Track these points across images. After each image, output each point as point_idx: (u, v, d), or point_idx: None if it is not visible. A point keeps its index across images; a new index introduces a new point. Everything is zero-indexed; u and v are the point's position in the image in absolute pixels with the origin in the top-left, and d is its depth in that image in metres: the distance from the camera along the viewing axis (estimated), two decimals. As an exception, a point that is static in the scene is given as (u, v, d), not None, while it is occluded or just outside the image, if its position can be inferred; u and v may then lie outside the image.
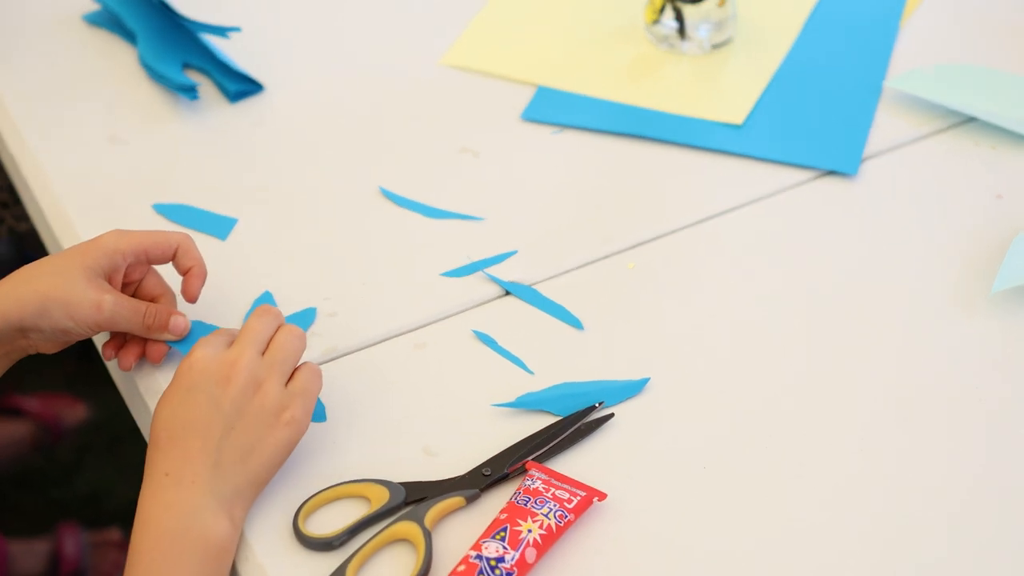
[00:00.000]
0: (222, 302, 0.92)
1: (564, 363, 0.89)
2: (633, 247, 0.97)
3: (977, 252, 0.95)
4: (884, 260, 0.95)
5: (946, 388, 0.86)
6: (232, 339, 0.81)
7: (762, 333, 0.90)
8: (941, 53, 1.12)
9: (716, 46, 1.13)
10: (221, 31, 1.09)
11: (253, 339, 0.81)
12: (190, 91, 1.07)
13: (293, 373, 0.81)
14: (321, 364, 0.88)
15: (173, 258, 0.86)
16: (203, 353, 0.79)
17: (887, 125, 1.05)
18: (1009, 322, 0.89)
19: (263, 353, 0.81)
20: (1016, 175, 1.00)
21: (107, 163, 1.04)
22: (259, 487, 0.79)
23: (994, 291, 0.88)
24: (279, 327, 0.82)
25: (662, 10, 1.12)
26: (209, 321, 0.90)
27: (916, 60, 1.12)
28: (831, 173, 1.02)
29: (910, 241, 0.97)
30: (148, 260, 0.85)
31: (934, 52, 1.12)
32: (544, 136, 1.06)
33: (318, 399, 0.84)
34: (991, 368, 0.87)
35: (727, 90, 1.09)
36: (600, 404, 0.85)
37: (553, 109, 1.08)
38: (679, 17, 1.12)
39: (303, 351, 0.82)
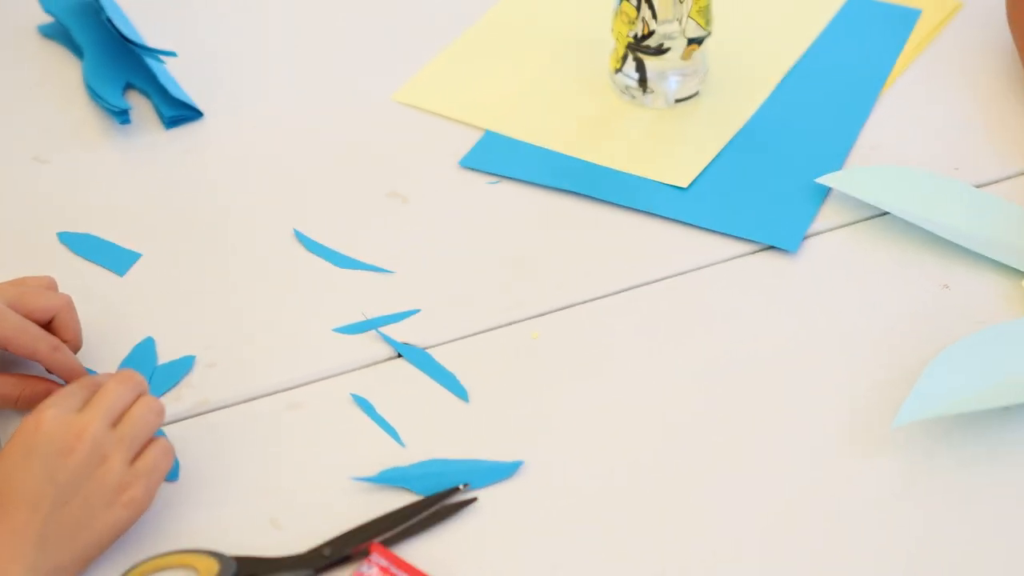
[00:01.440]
0: (103, 343, 0.89)
1: (441, 437, 0.84)
2: (543, 314, 0.92)
3: (915, 345, 0.88)
4: (808, 350, 0.89)
5: (838, 514, 0.79)
6: (89, 396, 0.78)
7: (660, 421, 0.85)
8: (911, 131, 1.05)
9: (680, 100, 1.08)
10: (156, 54, 1.06)
11: (107, 407, 0.77)
12: (122, 114, 1.04)
13: (143, 448, 0.77)
14: (187, 419, 0.84)
15: (49, 324, 0.83)
16: (51, 414, 0.76)
17: (840, 200, 0.99)
18: (904, 461, 0.82)
19: (115, 424, 0.77)
20: (965, 265, 0.93)
21: (24, 183, 1.01)
22: (85, 564, 0.75)
23: (895, 426, 0.81)
24: (139, 395, 0.78)
25: (625, 59, 1.07)
26: (86, 363, 0.87)
27: (887, 135, 1.05)
28: (770, 248, 0.96)
29: (842, 329, 0.90)
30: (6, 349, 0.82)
31: (906, 129, 1.06)
32: (479, 186, 1.01)
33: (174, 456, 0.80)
34: (891, 502, 0.80)
35: (680, 150, 1.04)
36: (465, 486, 0.80)
37: (494, 157, 1.03)
38: (640, 68, 1.06)
39: (158, 426, 0.78)
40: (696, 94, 1.08)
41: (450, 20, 1.15)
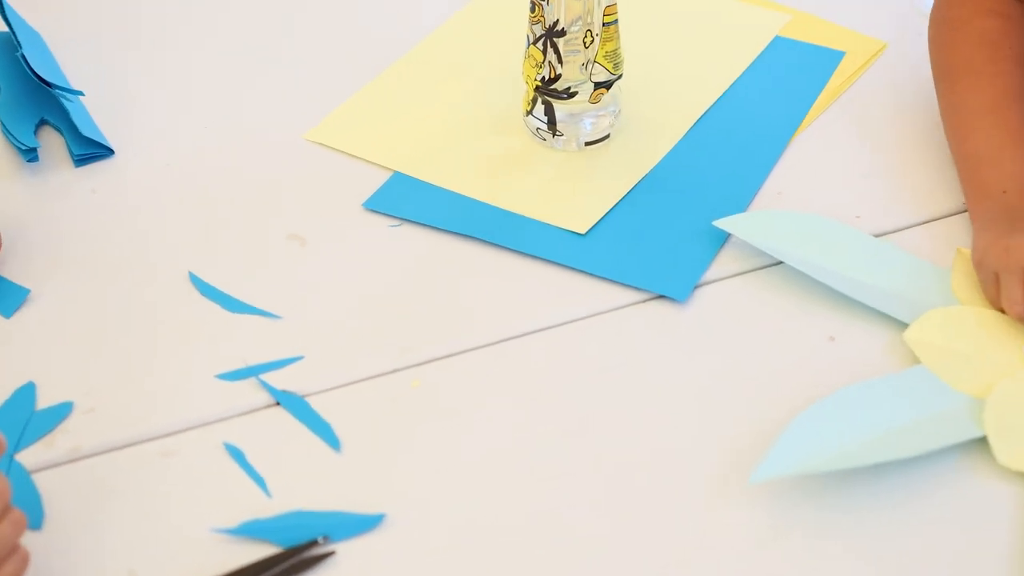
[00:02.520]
0: (-15, 386, 0.89)
1: (309, 487, 0.84)
2: (428, 362, 0.92)
3: (797, 397, 0.88)
4: (689, 400, 0.89)
5: (706, 567, 0.80)
6: None
7: (531, 473, 0.85)
8: (819, 177, 1.05)
9: (591, 143, 1.08)
10: (66, 93, 1.07)
11: None
12: (29, 152, 1.05)
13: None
14: (58, 466, 0.85)
15: None
16: None
17: (737, 247, 0.98)
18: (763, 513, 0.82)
19: None
20: (853, 317, 0.93)
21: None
22: None
23: (751, 483, 0.81)
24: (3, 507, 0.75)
25: (534, 102, 1.07)
26: (-32, 406, 0.88)
27: (795, 180, 1.05)
28: (661, 297, 0.96)
29: (725, 380, 0.90)
30: None
31: (815, 174, 1.05)
32: (381, 229, 1.02)
33: (39, 504, 0.81)
34: (753, 556, 0.80)
35: (583, 194, 1.04)
36: (324, 539, 0.81)
37: (399, 200, 1.03)
38: (549, 111, 1.06)
39: (18, 537, 0.76)
40: (607, 137, 1.08)
41: (370, 59, 1.16)
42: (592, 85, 1.05)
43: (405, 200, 1.03)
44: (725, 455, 0.84)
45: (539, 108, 1.06)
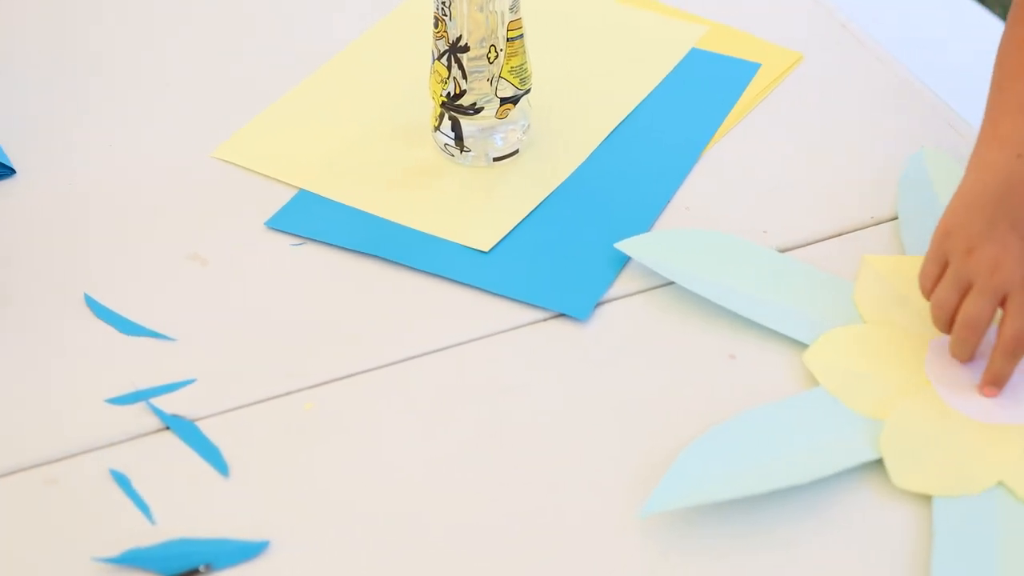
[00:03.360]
0: None
1: (195, 514, 0.83)
2: (322, 384, 0.91)
3: (697, 417, 0.87)
4: (588, 420, 0.88)
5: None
6: None
7: (422, 496, 0.84)
8: (728, 191, 1.04)
9: (499, 159, 1.06)
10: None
11: None
12: (-74, 174, 1.03)
13: None
14: (-61, 493, 0.83)
15: None
16: None
17: (640, 265, 0.97)
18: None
19: None
20: (754, 335, 0.92)
21: None
22: None
23: (643, 515, 0.80)
24: None
25: (441, 118, 1.06)
26: None
27: (704, 195, 1.04)
28: (561, 316, 0.94)
29: (625, 400, 0.89)
30: None
31: (724, 188, 1.04)
32: (283, 248, 1.00)
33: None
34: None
35: (488, 212, 1.02)
36: (206, 567, 0.79)
37: (302, 218, 1.02)
38: (456, 127, 1.05)
39: None
40: (516, 152, 1.07)
41: (280, 77, 1.15)
42: (498, 100, 1.03)
43: (309, 218, 1.02)
44: (623, 474, 0.83)
45: (446, 124, 1.05)
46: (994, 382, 0.84)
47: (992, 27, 1.90)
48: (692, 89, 1.14)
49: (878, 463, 0.83)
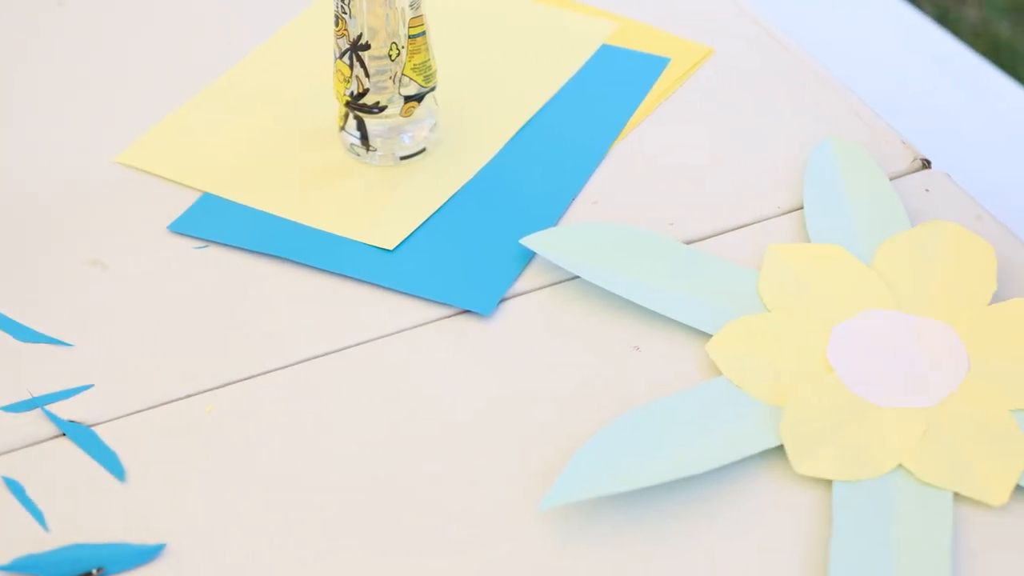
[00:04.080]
0: None
1: (91, 519, 0.81)
2: (223, 386, 0.89)
3: (601, 408, 0.86)
4: (492, 415, 0.87)
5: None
6: None
7: (325, 495, 0.83)
8: (635, 184, 1.04)
9: (406, 157, 1.06)
10: None
11: None
12: None
13: None
14: None
15: None
16: None
17: (546, 260, 0.97)
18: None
19: None
20: (659, 326, 0.91)
21: None
22: None
23: (542, 509, 0.79)
24: None
25: (347, 117, 1.05)
26: None
27: (611, 189, 1.03)
28: (466, 312, 0.94)
29: (529, 393, 0.88)
30: None
31: (631, 182, 1.04)
32: (185, 252, 0.99)
33: None
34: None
35: (393, 210, 1.02)
36: (99, 571, 0.78)
37: (206, 221, 1.01)
38: (361, 126, 1.04)
39: None
40: (423, 151, 1.06)
41: (187, 79, 1.14)
42: (403, 98, 1.03)
43: (212, 221, 1.01)
44: (527, 469, 0.83)
45: (351, 123, 1.04)
46: None
47: (902, 17, 1.91)
48: (601, 84, 1.13)
49: (779, 450, 0.82)
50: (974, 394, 0.85)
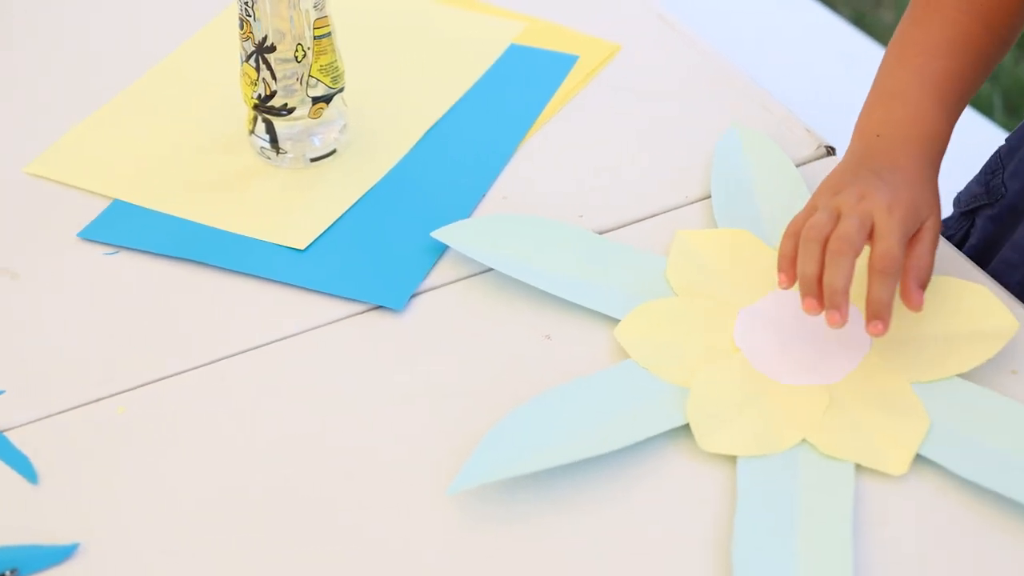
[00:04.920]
0: None
1: (5, 522, 0.81)
2: (135, 388, 0.90)
3: (514, 397, 0.87)
4: (408, 407, 0.88)
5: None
6: None
7: (240, 493, 0.83)
8: (545, 179, 1.05)
9: (317, 159, 1.06)
10: None
11: None
12: None
13: None
14: None
15: None
16: None
17: (458, 253, 0.97)
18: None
19: None
20: (569, 315, 0.92)
21: None
22: None
23: (451, 492, 0.80)
24: None
25: (256, 121, 1.05)
26: None
27: (521, 184, 1.04)
28: (379, 308, 0.94)
29: (444, 385, 0.89)
30: None
31: (541, 177, 1.05)
32: (96, 258, 0.99)
33: None
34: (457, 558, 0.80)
35: (304, 211, 1.02)
36: (12, 572, 0.78)
37: (116, 227, 1.01)
38: (270, 129, 1.04)
39: None
40: (333, 152, 1.06)
41: (96, 89, 1.13)
42: (311, 100, 1.03)
43: (123, 227, 1.01)
44: (442, 457, 0.83)
45: (260, 127, 1.05)
46: (877, 314, 0.81)
47: (818, 19, 1.94)
48: (510, 83, 1.15)
49: (686, 429, 0.83)
50: (876, 369, 0.86)
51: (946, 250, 0.96)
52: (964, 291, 0.89)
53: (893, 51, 0.94)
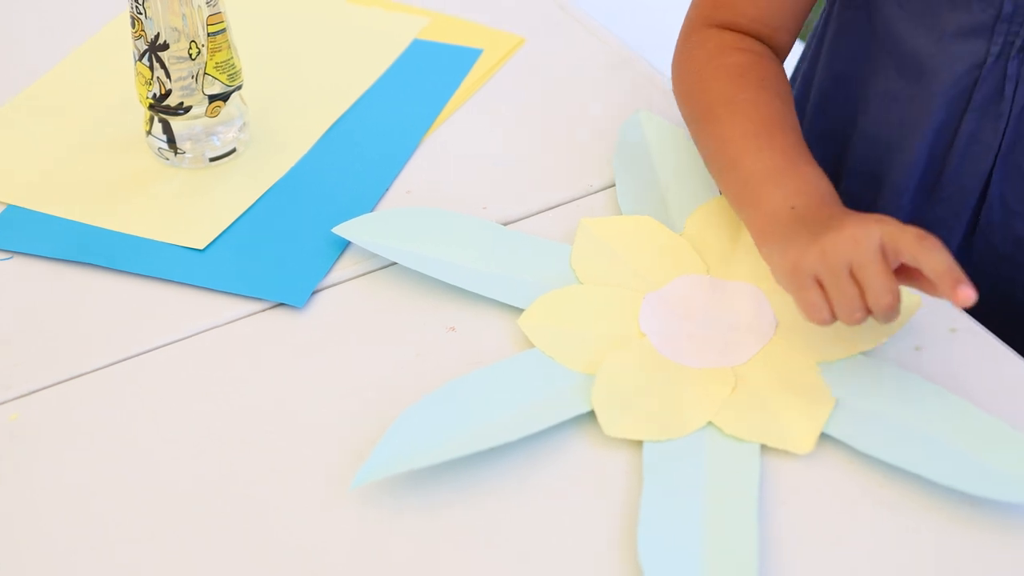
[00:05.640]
0: None
1: None
2: (29, 394, 0.87)
3: (419, 390, 0.85)
4: (312, 404, 0.86)
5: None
6: None
7: (141, 497, 0.81)
8: (448, 173, 1.04)
9: (216, 159, 1.04)
10: None
11: None
12: None
13: None
14: None
15: None
16: None
17: (360, 249, 0.96)
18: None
19: None
20: (474, 307, 0.91)
21: None
22: None
23: (354, 486, 0.78)
24: None
25: (152, 121, 1.03)
26: None
27: (424, 178, 1.03)
28: (280, 305, 0.93)
29: (347, 380, 0.88)
30: None
31: (444, 170, 1.04)
32: (-10, 264, 0.97)
33: None
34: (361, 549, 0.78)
35: (204, 211, 1.00)
36: (-100, 588, 0.75)
37: (10, 233, 0.99)
38: (167, 129, 1.03)
39: None
40: (233, 151, 1.05)
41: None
42: (207, 98, 1.01)
43: (18, 233, 0.99)
44: (347, 453, 0.82)
45: (157, 127, 1.03)
46: (958, 279, 0.76)
47: None
48: (414, 78, 1.14)
49: (592, 416, 0.83)
50: (781, 350, 0.86)
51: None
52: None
53: (730, 152, 0.92)
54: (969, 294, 0.75)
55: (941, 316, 0.89)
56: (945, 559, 0.75)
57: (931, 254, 0.77)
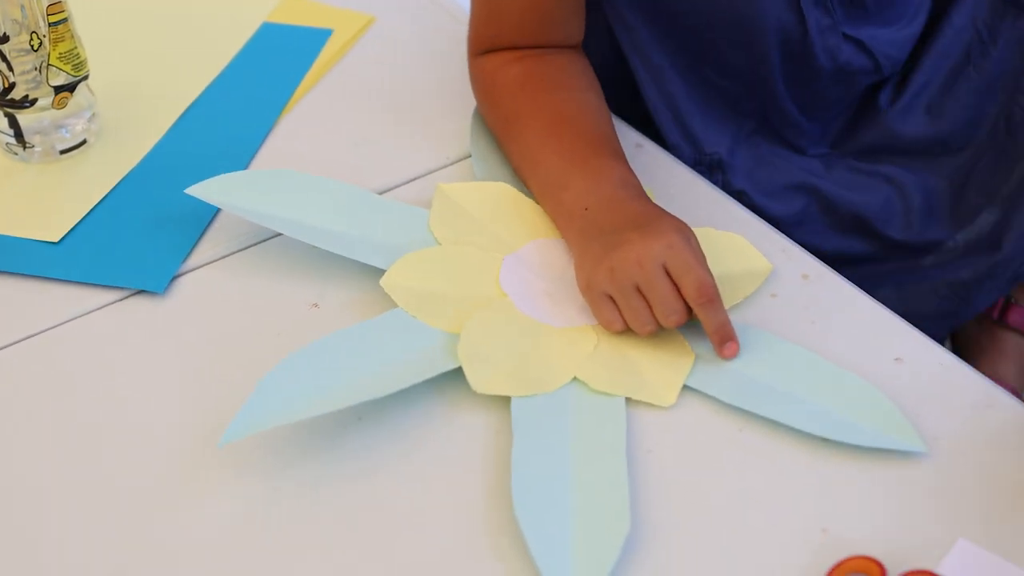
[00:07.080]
0: None
1: None
2: None
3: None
4: (178, 388, 0.85)
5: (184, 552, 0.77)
6: None
7: (11, 494, 0.79)
8: (308, 150, 1.03)
9: (67, 151, 1.03)
10: None
11: None
12: None
13: None
14: None
15: None
16: None
17: (218, 234, 0.95)
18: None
19: None
20: (336, 278, 0.91)
21: None
22: None
23: (222, 444, 0.78)
24: None
25: (-2, 116, 1.02)
26: None
27: (284, 157, 1.03)
28: (140, 292, 0.92)
29: (211, 360, 0.87)
30: None
31: (304, 148, 1.04)
32: None
33: None
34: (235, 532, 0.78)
35: (57, 204, 0.99)
36: None
37: None
38: (14, 123, 1.01)
39: None
40: (84, 143, 1.03)
41: None
42: (53, 90, 1.00)
43: None
44: (214, 432, 0.81)
45: (3, 122, 1.01)
46: (726, 337, 0.83)
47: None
48: (265, 61, 1.13)
49: (459, 373, 0.83)
50: (641, 307, 0.87)
51: (710, 192, 0.98)
52: (722, 239, 0.91)
53: (526, 163, 0.96)
54: (734, 349, 0.83)
55: (794, 264, 0.91)
56: (803, 494, 0.77)
57: (707, 312, 0.82)
